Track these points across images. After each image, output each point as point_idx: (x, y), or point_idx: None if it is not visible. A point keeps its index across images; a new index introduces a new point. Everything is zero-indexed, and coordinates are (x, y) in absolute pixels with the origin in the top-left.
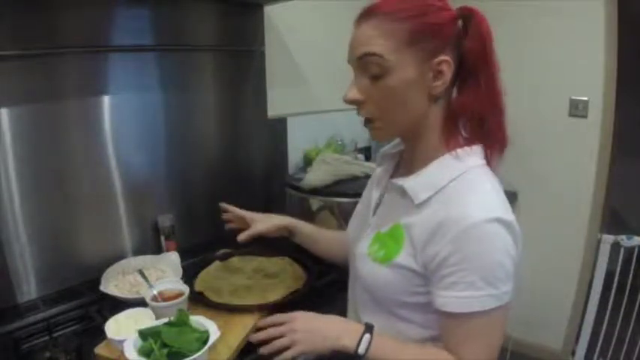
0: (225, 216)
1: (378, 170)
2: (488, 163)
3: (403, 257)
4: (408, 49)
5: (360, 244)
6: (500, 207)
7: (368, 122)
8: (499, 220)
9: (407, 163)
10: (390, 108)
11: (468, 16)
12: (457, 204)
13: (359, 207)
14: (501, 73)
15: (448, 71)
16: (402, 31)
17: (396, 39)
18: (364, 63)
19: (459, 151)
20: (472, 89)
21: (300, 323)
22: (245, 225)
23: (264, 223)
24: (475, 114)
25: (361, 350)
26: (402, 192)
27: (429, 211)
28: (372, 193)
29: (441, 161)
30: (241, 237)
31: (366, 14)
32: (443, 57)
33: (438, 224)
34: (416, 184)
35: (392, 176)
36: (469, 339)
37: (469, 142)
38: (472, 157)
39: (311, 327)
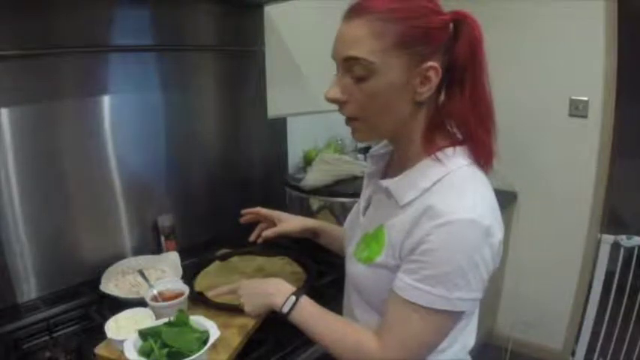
0: (245, 219)
1: (368, 171)
2: (476, 164)
3: (383, 257)
4: (397, 53)
5: (351, 245)
6: (482, 210)
7: (350, 121)
8: (475, 223)
9: (395, 164)
10: (372, 110)
11: (460, 21)
12: (438, 201)
13: (355, 207)
14: (502, 73)
15: (435, 78)
16: (393, 32)
17: (385, 41)
18: (349, 65)
19: (444, 152)
20: (459, 95)
21: (243, 288)
22: (270, 224)
23: (291, 222)
24: (462, 119)
25: (284, 309)
26: (388, 193)
27: (411, 211)
28: (362, 193)
29: (426, 163)
30: (267, 233)
31: (357, 10)
32: (431, 63)
33: (417, 219)
34: (401, 185)
35: (382, 177)
36: (400, 326)
37: (454, 144)
38: (457, 158)
39: (251, 290)
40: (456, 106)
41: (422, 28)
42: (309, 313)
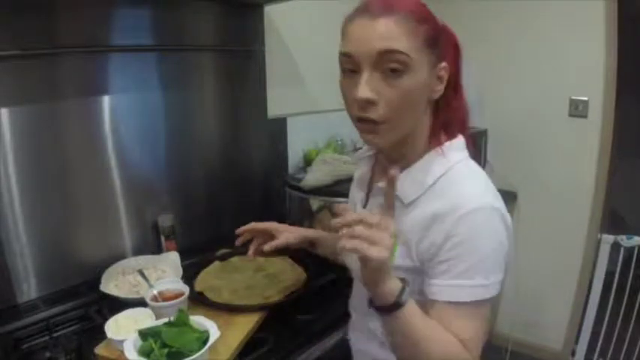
0: (241, 240)
1: (357, 174)
2: (471, 153)
3: (400, 259)
4: (426, 51)
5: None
6: (492, 195)
7: (377, 125)
8: (492, 208)
9: (386, 165)
10: (402, 109)
11: (444, 29)
12: (450, 196)
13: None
14: (502, 73)
15: (446, 77)
16: (423, 31)
17: (418, 39)
18: (384, 60)
19: (442, 148)
20: (454, 94)
21: (390, 233)
22: (267, 238)
23: (289, 234)
24: (460, 115)
25: (403, 298)
26: None
27: (419, 209)
28: (355, 198)
29: (426, 160)
30: (266, 248)
31: (385, 9)
32: (445, 64)
33: (432, 217)
34: (404, 184)
35: (372, 179)
36: (459, 320)
37: (450, 138)
38: (455, 151)
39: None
40: (455, 103)
41: (438, 30)
42: (416, 310)
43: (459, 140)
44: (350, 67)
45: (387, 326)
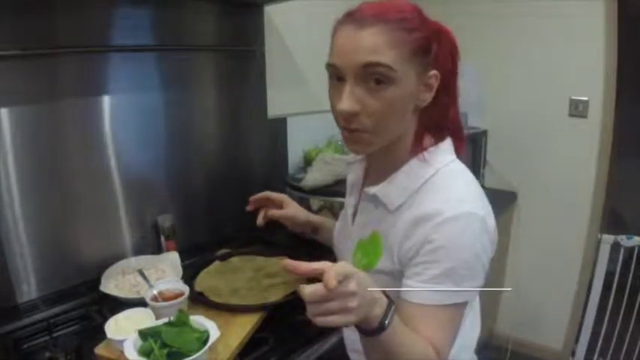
0: (251, 207)
1: (349, 179)
2: (458, 155)
3: (382, 262)
4: (412, 61)
5: (345, 255)
6: (475, 202)
7: (357, 133)
8: (472, 215)
9: (376, 170)
10: (385, 120)
11: (439, 30)
12: (432, 200)
13: (341, 218)
14: (502, 73)
15: (436, 84)
16: (409, 41)
17: (403, 49)
18: (368, 72)
19: (428, 153)
20: (447, 97)
21: (358, 285)
22: (276, 208)
23: (297, 209)
24: (451, 118)
25: (386, 321)
26: (376, 200)
27: (405, 214)
28: (348, 202)
29: (411, 165)
30: (274, 213)
31: (375, 17)
32: (434, 71)
33: (415, 221)
34: (389, 190)
35: (363, 183)
36: (429, 323)
37: (436, 142)
38: (441, 155)
39: (366, 289)
40: (445, 106)
41: (426, 38)
42: (399, 324)
43: (446, 143)
44: (336, 75)
45: (367, 344)
